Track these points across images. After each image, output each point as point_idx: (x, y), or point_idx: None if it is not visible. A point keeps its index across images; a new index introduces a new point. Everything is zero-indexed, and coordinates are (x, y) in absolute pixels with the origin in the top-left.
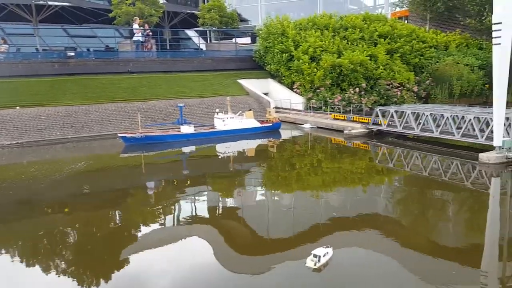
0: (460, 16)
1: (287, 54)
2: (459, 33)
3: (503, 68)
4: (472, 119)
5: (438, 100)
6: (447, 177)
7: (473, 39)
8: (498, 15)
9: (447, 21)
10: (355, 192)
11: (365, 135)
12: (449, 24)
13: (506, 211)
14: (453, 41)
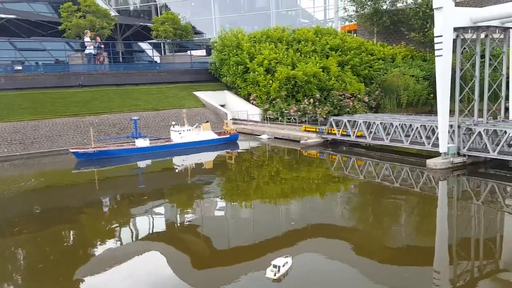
0: (405, 29)
1: (242, 66)
2: (404, 45)
3: (445, 78)
4: (418, 127)
5: (387, 109)
6: (398, 183)
7: (418, 51)
8: (439, 29)
9: (393, 35)
10: (313, 201)
11: (320, 145)
12: (395, 37)
13: (453, 214)
14: (399, 53)
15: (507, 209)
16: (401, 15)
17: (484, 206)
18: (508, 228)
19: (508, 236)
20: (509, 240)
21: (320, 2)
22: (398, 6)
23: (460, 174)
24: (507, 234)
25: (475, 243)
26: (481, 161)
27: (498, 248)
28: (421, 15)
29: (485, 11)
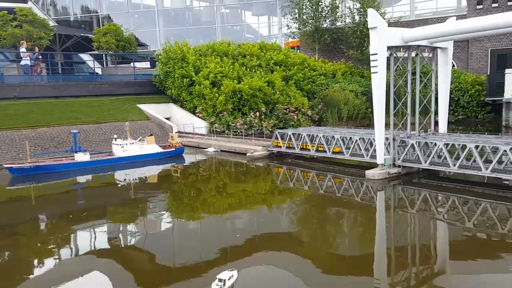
0: (344, 47)
1: (188, 79)
2: (344, 62)
3: (380, 94)
4: (358, 139)
5: (329, 122)
6: (340, 193)
7: (356, 68)
8: (374, 47)
9: (334, 52)
10: (260, 213)
11: (266, 157)
12: (335, 54)
13: (390, 222)
14: (339, 69)
15: (438, 216)
16: (341, 34)
17: (418, 214)
18: (441, 234)
19: (440, 242)
20: (442, 246)
21: (264, 19)
22: (337, 25)
23: (396, 184)
24: (440, 241)
25: (412, 249)
26: (415, 171)
27: (432, 254)
28: (358, 34)
29: (415, 32)
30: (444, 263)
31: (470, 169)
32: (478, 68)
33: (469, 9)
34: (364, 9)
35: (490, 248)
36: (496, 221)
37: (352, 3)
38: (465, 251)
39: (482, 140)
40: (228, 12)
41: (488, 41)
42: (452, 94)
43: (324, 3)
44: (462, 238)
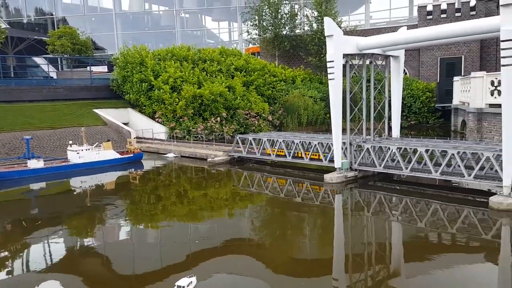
0: (303, 54)
1: (146, 83)
2: (303, 69)
3: (337, 100)
4: (316, 144)
5: (289, 128)
6: (300, 197)
7: (315, 74)
8: (330, 55)
9: (293, 58)
10: (221, 218)
11: (227, 162)
12: (294, 61)
13: (348, 224)
14: (298, 75)
15: (393, 218)
16: (300, 41)
17: (374, 216)
18: (395, 235)
19: (395, 243)
20: (397, 246)
21: (225, 24)
22: (296, 32)
23: (353, 187)
24: (395, 241)
25: (368, 250)
26: (370, 174)
27: (388, 254)
28: (316, 41)
29: (368, 40)
30: (398, 263)
31: (421, 172)
32: (429, 76)
33: (419, 19)
34: (322, 17)
35: (441, 247)
36: (445, 222)
37: (310, 11)
38: (418, 250)
39: (432, 144)
40: (188, 17)
41: (438, 50)
42: (405, 101)
43: (283, 11)
44: (415, 238)
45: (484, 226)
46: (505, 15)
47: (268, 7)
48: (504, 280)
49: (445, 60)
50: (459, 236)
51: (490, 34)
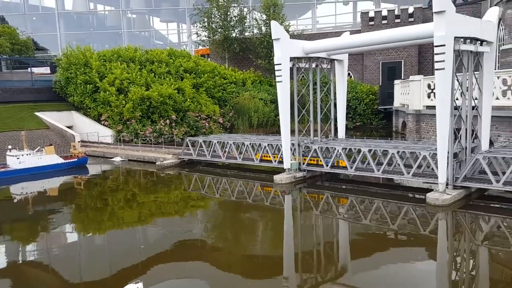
0: (253, 57)
1: (91, 85)
2: (253, 71)
3: (285, 102)
4: (266, 146)
5: (240, 130)
6: (251, 199)
7: (265, 77)
8: (278, 58)
9: (243, 61)
10: (171, 222)
11: (177, 165)
12: (244, 63)
13: (297, 224)
14: (248, 78)
15: (339, 216)
16: (249, 43)
17: (322, 215)
18: (342, 233)
19: (343, 240)
20: (344, 243)
21: (173, 26)
22: (246, 35)
23: (302, 187)
24: (342, 239)
25: (317, 248)
26: (318, 174)
27: (336, 251)
28: (266, 44)
29: (314, 44)
30: (346, 259)
31: (365, 171)
32: (372, 79)
33: (362, 25)
34: (270, 20)
35: (384, 243)
36: (388, 218)
37: (259, 14)
38: (364, 247)
39: (374, 144)
40: (135, 17)
41: (380, 54)
42: (350, 103)
43: (232, 13)
44: (360, 235)
45: (423, 221)
46: (438, 22)
47: (217, 9)
48: (442, 270)
49: (387, 64)
50: (401, 232)
51: (425, 39)
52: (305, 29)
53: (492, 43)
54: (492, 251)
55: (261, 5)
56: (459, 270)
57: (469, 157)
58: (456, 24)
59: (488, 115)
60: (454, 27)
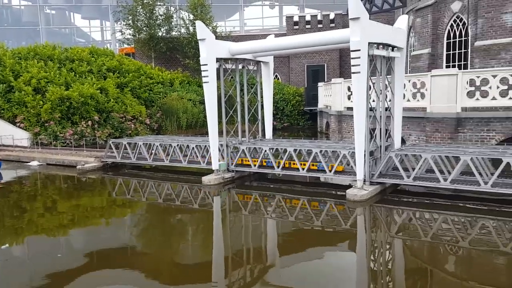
0: (180, 57)
1: (5, 84)
2: (181, 71)
3: (212, 103)
4: (194, 147)
5: (168, 131)
6: (179, 201)
7: (193, 77)
8: (203, 58)
9: (170, 61)
10: (96, 229)
11: (100, 169)
12: (172, 63)
13: (226, 225)
14: (176, 78)
15: (267, 215)
16: (176, 43)
17: (250, 215)
18: (271, 232)
19: (271, 239)
20: (273, 243)
21: (96, 23)
22: (173, 34)
23: (230, 187)
24: (271, 237)
25: (247, 249)
26: (247, 174)
27: (264, 250)
28: (193, 44)
29: (239, 46)
30: (275, 258)
31: (291, 170)
32: (298, 81)
33: (288, 29)
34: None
35: (310, 239)
36: (312, 215)
37: (186, 14)
38: (292, 244)
39: (299, 144)
40: (54, 13)
41: (304, 58)
42: (278, 104)
43: (158, 12)
44: (287, 232)
45: (344, 216)
46: (353, 28)
47: (142, 7)
48: (361, 261)
49: (311, 67)
50: (324, 227)
51: (344, 44)
52: (233, 31)
53: (403, 48)
54: (406, 242)
55: (188, 4)
56: (376, 260)
57: (383, 155)
58: (370, 30)
59: (400, 116)
60: (368, 33)
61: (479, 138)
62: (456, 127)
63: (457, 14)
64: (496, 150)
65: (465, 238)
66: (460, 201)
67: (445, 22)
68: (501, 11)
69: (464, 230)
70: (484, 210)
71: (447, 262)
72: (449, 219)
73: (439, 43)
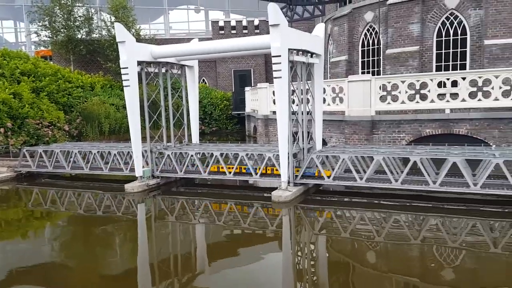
0: (102, 60)
1: None
2: (102, 75)
3: (134, 107)
4: (116, 153)
5: (90, 137)
6: (101, 211)
7: (115, 81)
8: (124, 61)
9: (91, 64)
10: (12, 244)
11: (14, 179)
12: (92, 66)
13: (152, 233)
14: (98, 82)
15: (195, 221)
16: (97, 46)
17: (178, 221)
18: (199, 238)
19: (200, 246)
20: (201, 249)
21: (9, 24)
22: (93, 37)
23: (156, 194)
24: (199, 244)
25: (175, 257)
26: (173, 180)
27: (194, 259)
28: (115, 47)
29: (161, 49)
30: (204, 264)
31: (218, 174)
32: (225, 86)
33: (213, 33)
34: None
35: (239, 242)
36: (240, 218)
37: (108, 16)
38: (220, 249)
39: (226, 148)
40: None
41: (231, 62)
42: (206, 109)
43: (77, 13)
44: (216, 237)
45: (270, 218)
46: (273, 34)
47: (60, 8)
48: (287, 261)
49: (238, 72)
50: (252, 230)
51: (266, 49)
52: (158, 34)
53: (321, 55)
54: (328, 239)
55: (108, 6)
56: (302, 258)
57: (306, 156)
58: (290, 37)
59: (320, 119)
60: (288, 39)
61: (392, 139)
62: (371, 129)
63: (370, 24)
64: (405, 149)
65: (380, 232)
66: (375, 198)
67: (360, 31)
68: (408, 21)
69: (379, 225)
70: (397, 206)
71: (365, 256)
72: (365, 216)
73: (355, 51)
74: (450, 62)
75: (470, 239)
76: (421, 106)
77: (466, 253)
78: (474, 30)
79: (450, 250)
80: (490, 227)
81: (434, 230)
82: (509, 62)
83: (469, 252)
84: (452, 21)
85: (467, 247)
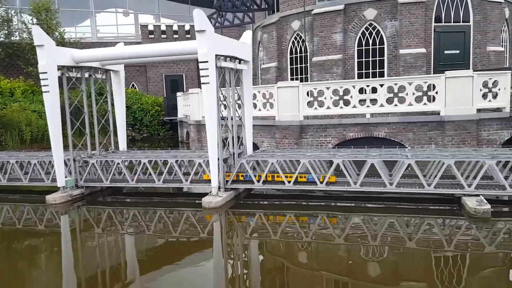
0: (22, 63)
1: None
2: (23, 80)
3: (55, 114)
4: (36, 163)
5: (9, 146)
6: (21, 224)
7: (38, 86)
8: (42, 66)
9: (11, 68)
10: None
11: None
12: (12, 71)
13: (78, 245)
14: (18, 87)
15: (123, 231)
16: (17, 49)
17: (105, 232)
18: (129, 249)
19: (129, 257)
20: (131, 260)
21: None
22: (13, 39)
23: (80, 205)
24: (129, 255)
25: (102, 270)
26: (99, 190)
27: (123, 270)
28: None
29: (84, 53)
30: (135, 275)
31: (147, 182)
32: (156, 91)
33: (143, 38)
34: (42, 25)
35: (169, 251)
36: (170, 226)
37: (29, 18)
38: (151, 259)
39: (155, 155)
40: None
41: (162, 67)
42: (136, 115)
43: None
44: (146, 247)
45: (201, 224)
46: (200, 40)
47: None
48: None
49: (169, 77)
50: (183, 237)
51: (195, 55)
52: (83, 37)
53: (249, 61)
54: (259, 242)
55: (30, 8)
56: (234, 262)
57: (236, 161)
58: (216, 43)
59: (250, 124)
60: (215, 45)
61: (319, 142)
62: (300, 134)
63: (297, 32)
64: (329, 153)
65: (307, 233)
66: (303, 200)
67: (288, 38)
68: (332, 31)
69: (306, 226)
70: (323, 206)
71: (295, 256)
72: (293, 217)
73: (284, 58)
74: (370, 70)
75: (389, 235)
76: (345, 111)
77: (388, 248)
78: (390, 40)
79: (373, 248)
80: (406, 223)
81: (357, 228)
82: (421, 70)
83: (390, 248)
84: (371, 32)
85: (387, 244)
